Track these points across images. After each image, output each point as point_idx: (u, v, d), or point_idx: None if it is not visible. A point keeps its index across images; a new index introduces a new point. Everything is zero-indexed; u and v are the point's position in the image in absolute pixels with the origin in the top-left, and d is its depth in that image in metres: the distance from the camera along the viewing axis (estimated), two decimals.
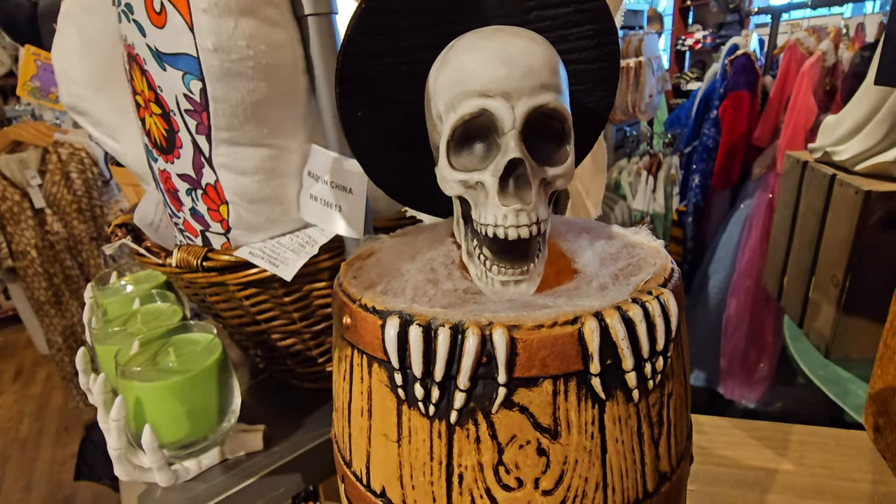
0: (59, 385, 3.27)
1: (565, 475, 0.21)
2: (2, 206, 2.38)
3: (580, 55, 0.31)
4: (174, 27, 0.40)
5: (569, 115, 0.23)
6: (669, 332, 0.22)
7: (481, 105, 0.22)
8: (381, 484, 0.24)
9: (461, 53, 0.23)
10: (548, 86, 0.22)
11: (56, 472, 2.61)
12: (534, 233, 0.23)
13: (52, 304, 2.50)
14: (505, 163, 0.22)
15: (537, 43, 0.23)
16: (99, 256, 2.58)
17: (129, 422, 0.55)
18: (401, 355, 0.21)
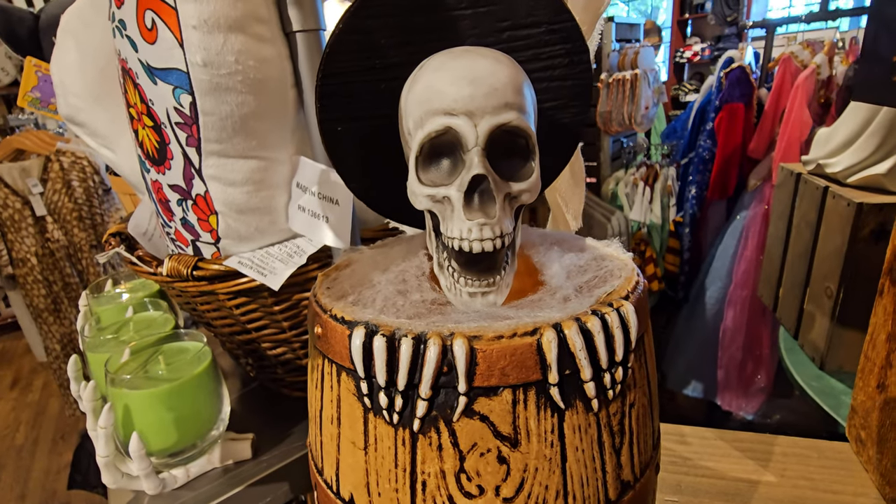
0: (57, 393, 3.27)
1: (526, 483, 0.22)
2: (3, 214, 2.40)
3: (553, 73, 0.32)
4: (165, 43, 0.41)
5: (532, 133, 0.24)
6: (629, 343, 0.23)
7: (446, 123, 0.23)
8: (349, 491, 0.25)
9: (429, 73, 0.24)
10: (511, 105, 0.23)
11: (51, 480, 2.60)
12: (497, 246, 0.23)
13: (50, 311, 2.51)
14: (469, 178, 0.23)
15: (502, 63, 0.24)
16: (98, 265, 2.59)
17: (117, 429, 0.55)
18: (366, 364, 0.22)
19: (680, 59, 4.66)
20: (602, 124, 2.04)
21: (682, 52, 4.62)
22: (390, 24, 0.29)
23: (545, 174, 0.35)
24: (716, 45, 4.26)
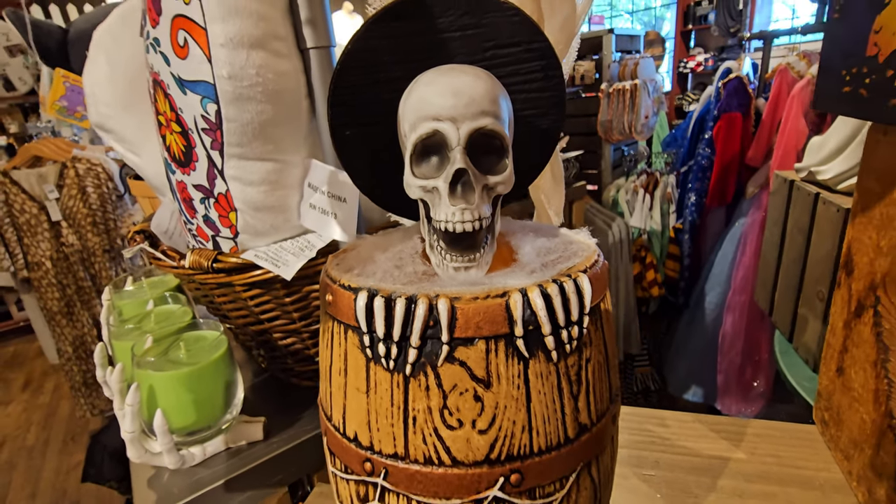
0: (67, 395, 3.34)
1: (497, 418, 0.27)
2: (20, 219, 2.48)
3: (531, 86, 0.37)
4: (195, 58, 0.47)
5: (506, 135, 0.29)
6: (583, 307, 0.28)
7: (434, 127, 0.28)
8: (353, 430, 0.30)
9: (422, 86, 0.30)
10: (487, 112, 0.28)
11: (61, 480, 2.66)
12: (476, 227, 0.29)
13: (63, 314, 2.58)
14: (453, 171, 0.28)
15: (481, 79, 0.29)
16: (111, 268, 2.66)
17: (142, 409, 0.61)
18: (368, 321, 0.27)
19: (683, 70, 4.72)
20: (603, 133, 2.10)
21: (685, 63, 4.69)
22: (392, 45, 0.35)
23: (529, 172, 0.40)
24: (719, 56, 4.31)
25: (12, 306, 3.92)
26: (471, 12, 0.34)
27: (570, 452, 0.29)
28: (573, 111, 2.12)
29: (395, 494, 0.29)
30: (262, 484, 0.67)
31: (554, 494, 0.29)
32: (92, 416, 2.78)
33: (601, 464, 0.31)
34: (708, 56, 4.53)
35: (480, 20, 0.34)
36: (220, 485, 0.64)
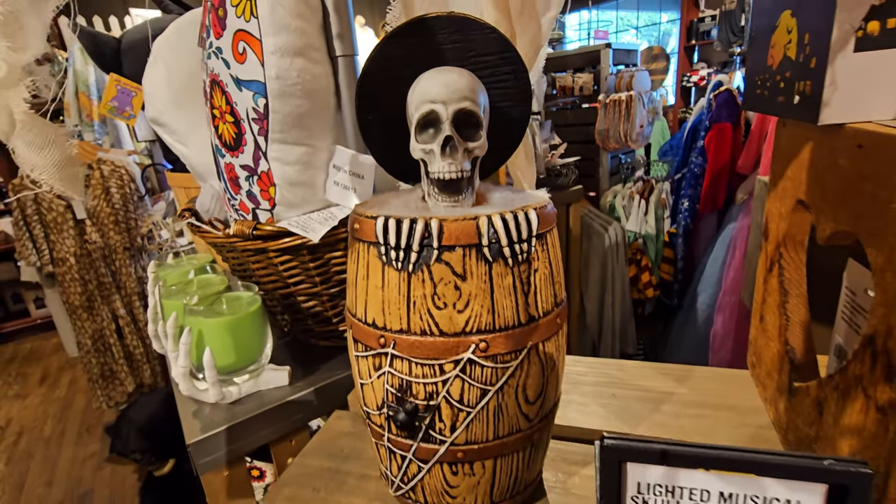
0: (82, 389, 3.49)
1: (470, 302, 0.41)
2: (47, 217, 2.65)
3: (505, 84, 0.51)
4: (251, 63, 0.62)
5: (480, 114, 0.43)
6: (531, 231, 0.42)
7: (431, 107, 0.42)
8: (372, 317, 0.43)
9: (423, 81, 0.44)
10: (467, 98, 0.42)
11: (77, 469, 2.79)
12: (459, 176, 0.43)
13: (84, 308, 2.74)
14: (442, 138, 0.42)
15: (464, 76, 0.44)
16: (130, 265, 2.82)
17: (191, 352, 0.75)
18: (384, 237, 0.41)
19: (687, 84, 4.88)
20: (600, 141, 2.24)
21: (688, 77, 4.84)
22: (404, 53, 0.49)
23: (506, 150, 0.54)
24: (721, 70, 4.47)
25: (30, 304, 4.09)
26: (459, 31, 0.48)
27: (522, 333, 0.42)
28: (573, 120, 2.27)
29: (400, 359, 0.42)
30: (285, 421, 0.80)
31: (510, 362, 0.42)
32: (108, 409, 2.92)
33: (546, 349, 0.45)
34: (711, 71, 4.68)
35: (467, 36, 0.48)
36: (251, 418, 0.77)
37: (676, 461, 0.41)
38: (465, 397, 0.42)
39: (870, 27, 0.41)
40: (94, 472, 2.75)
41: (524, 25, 0.53)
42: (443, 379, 0.42)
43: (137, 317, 2.85)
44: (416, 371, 0.42)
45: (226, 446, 0.75)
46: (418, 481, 0.47)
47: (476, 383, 0.42)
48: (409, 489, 0.49)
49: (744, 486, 0.40)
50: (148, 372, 2.89)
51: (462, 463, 0.45)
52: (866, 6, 0.40)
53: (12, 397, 3.43)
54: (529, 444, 0.47)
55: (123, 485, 2.65)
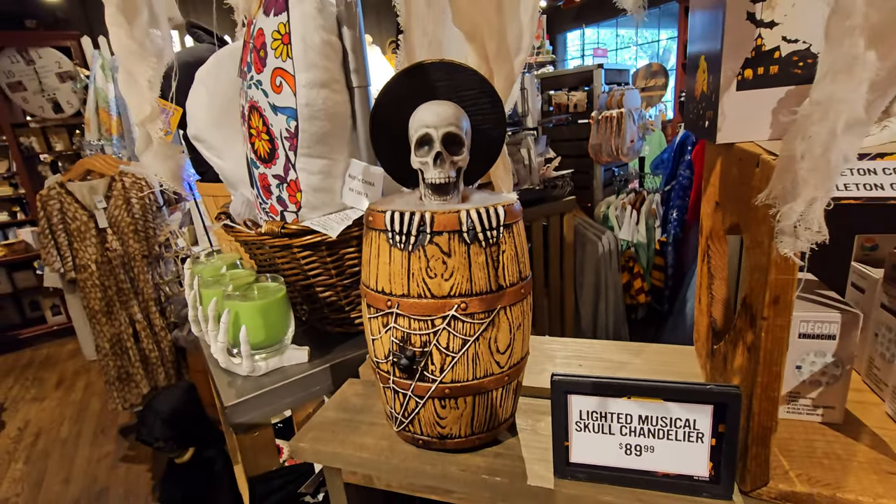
0: (98, 392, 3.65)
1: (454, 273, 0.56)
2: (71, 226, 2.84)
3: (485, 112, 0.68)
4: (286, 93, 0.78)
5: (463, 136, 0.59)
6: (499, 221, 0.57)
7: (425, 130, 0.58)
8: (381, 286, 0.59)
9: (420, 111, 0.60)
10: (452, 124, 0.58)
11: (92, 468, 2.93)
12: (447, 181, 0.58)
13: (104, 313, 2.90)
14: (434, 153, 0.58)
15: (451, 107, 0.60)
16: (148, 272, 2.99)
17: (229, 330, 0.90)
18: (391, 225, 0.57)
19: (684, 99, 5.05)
20: (593, 155, 2.40)
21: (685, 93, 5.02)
22: (406, 90, 0.65)
23: (487, 162, 0.70)
24: None
25: (47, 311, 4.27)
26: (449, 73, 0.64)
27: (492, 298, 0.58)
28: (568, 136, 2.43)
29: (402, 317, 0.58)
30: (305, 392, 0.95)
31: (484, 320, 0.58)
32: (122, 410, 3.06)
33: (513, 312, 0.60)
34: None
35: (454, 76, 0.65)
36: (276, 388, 0.92)
37: (605, 391, 0.56)
38: (451, 345, 0.58)
39: (746, 73, 0.57)
40: (109, 472, 2.90)
41: (499, 66, 0.69)
42: (433, 331, 0.57)
43: (153, 321, 3.01)
44: (414, 325, 0.58)
45: (255, 410, 0.90)
46: (415, 415, 0.62)
47: (458, 335, 0.57)
48: (408, 423, 0.64)
49: (655, 410, 0.55)
50: (162, 375, 3.04)
51: (449, 398, 0.60)
52: (742, 58, 0.56)
53: (30, 400, 3.59)
54: (501, 387, 0.62)
55: (138, 483, 2.79)
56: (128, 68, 0.58)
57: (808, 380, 0.61)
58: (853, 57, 0.32)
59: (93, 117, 3.81)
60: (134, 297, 2.98)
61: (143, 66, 0.59)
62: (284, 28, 0.76)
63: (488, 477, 0.61)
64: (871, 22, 0.33)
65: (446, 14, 0.68)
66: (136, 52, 0.57)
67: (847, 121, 0.33)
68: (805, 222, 0.38)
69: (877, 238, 0.71)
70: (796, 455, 0.57)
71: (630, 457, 0.58)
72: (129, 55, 0.57)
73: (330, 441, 0.70)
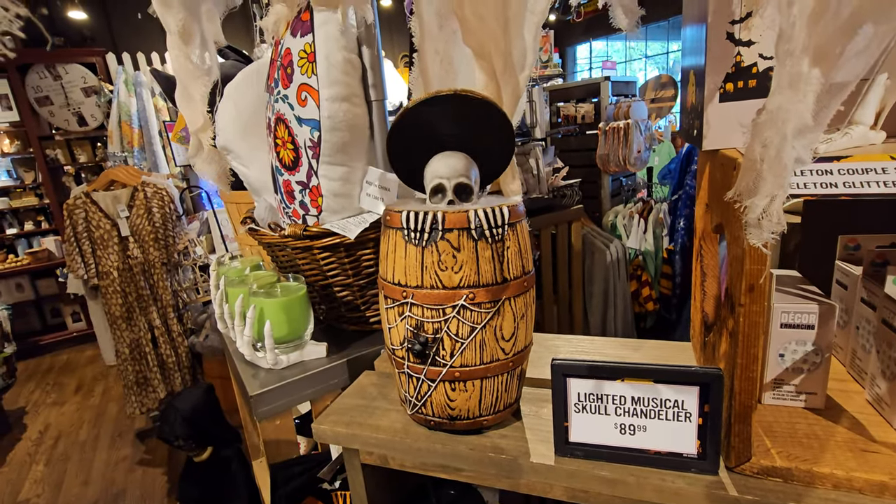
0: (115, 397, 3.75)
1: (463, 266, 0.63)
2: (95, 234, 2.96)
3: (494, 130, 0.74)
4: (310, 106, 0.86)
5: (472, 185, 0.66)
6: (504, 220, 0.64)
7: (439, 181, 0.66)
8: (398, 278, 0.66)
9: (434, 162, 0.68)
10: (463, 175, 0.66)
11: (110, 471, 3.01)
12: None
13: (124, 318, 3.01)
14: (447, 200, 0.65)
15: (462, 159, 0.67)
16: (167, 279, 3.09)
17: (254, 325, 0.97)
18: (407, 223, 0.64)
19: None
20: (601, 165, 2.46)
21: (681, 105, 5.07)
22: (423, 117, 0.72)
23: (498, 171, 0.77)
24: None
25: (67, 318, 4.40)
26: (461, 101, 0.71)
27: (498, 289, 0.64)
28: (576, 146, 2.50)
29: (416, 306, 0.65)
30: (323, 384, 1.02)
31: (490, 309, 0.64)
32: (139, 415, 3.15)
33: (516, 302, 0.66)
34: None
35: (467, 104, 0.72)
36: (297, 380, 0.99)
37: (600, 374, 0.62)
38: (460, 332, 0.64)
39: (728, 86, 0.63)
40: (126, 474, 2.98)
41: (506, 82, 0.76)
42: (444, 319, 0.64)
43: (171, 327, 3.11)
44: (427, 314, 0.64)
45: (278, 400, 0.96)
46: (427, 398, 0.69)
47: (467, 322, 0.64)
48: (421, 406, 0.70)
49: (647, 391, 0.61)
50: (179, 380, 3.12)
51: (458, 381, 0.67)
52: (724, 73, 0.63)
53: (50, 404, 3.70)
54: (506, 372, 0.68)
55: (154, 486, 2.86)
56: (185, 85, 0.67)
57: (791, 367, 0.66)
58: (797, 74, 0.38)
59: (115, 130, 3.96)
60: (153, 304, 3.08)
61: (197, 83, 0.67)
62: (310, 48, 0.84)
63: (494, 455, 0.67)
64: (815, 43, 0.39)
65: (457, 34, 0.76)
66: (192, 71, 0.65)
67: (795, 127, 0.40)
68: (767, 216, 0.44)
69: (859, 238, 0.77)
70: (779, 435, 0.63)
71: (624, 436, 0.63)
72: (186, 74, 0.65)
73: (349, 424, 0.76)
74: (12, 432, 3.44)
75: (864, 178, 0.45)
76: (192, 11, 0.60)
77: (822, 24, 0.39)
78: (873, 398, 0.67)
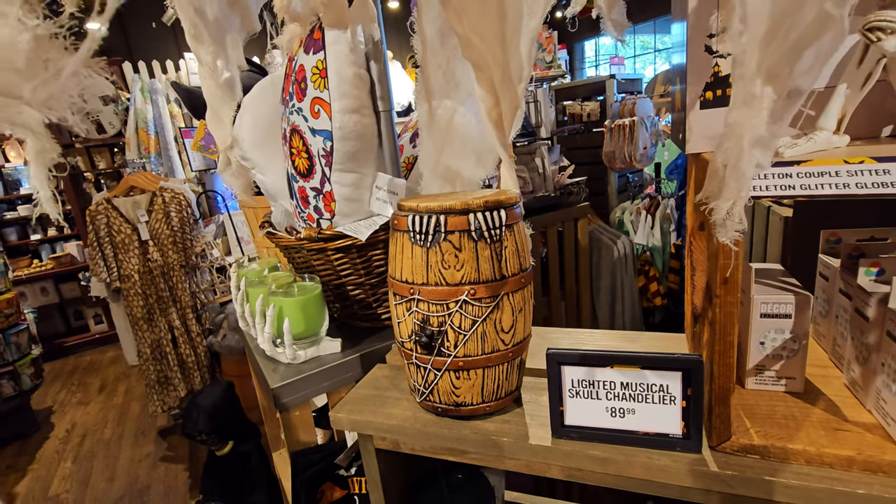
0: (138, 396, 3.87)
1: (464, 265, 0.69)
2: (117, 238, 3.07)
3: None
4: (322, 118, 0.93)
5: None
6: (501, 222, 0.70)
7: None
8: (405, 277, 0.72)
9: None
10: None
11: (134, 467, 3.13)
12: None
13: (145, 319, 3.12)
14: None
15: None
16: (185, 281, 3.20)
17: (274, 322, 1.05)
18: (413, 226, 0.70)
19: None
20: (607, 162, 2.50)
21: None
22: None
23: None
24: None
25: (90, 320, 4.55)
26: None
27: (497, 285, 0.71)
28: (582, 144, 2.54)
29: (422, 302, 0.71)
30: (338, 378, 1.09)
31: (490, 304, 0.70)
32: (161, 413, 3.26)
33: (514, 298, 0.73)
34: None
35: None
36: (314, 373, 1.06)
37: (591, 361, 0.68)
38: (462, 325, 0.71)
39: (707, 94, 0.68)
40: (149, 471, 3.09)
41: (504, 93, 0.82)
42: (448, 313, 0.70)
43: (190, 328, 3.21)
44: (432, 309, 0.71)
45: (297, 392, 1.04)
46: (434, 386, 0.75)
47: (469, 316, 0.70)
48: (428, 393, 0.77)
49: (634, 377, 0.67)
50: (198, 378, 3.23)
51: (462, 370, 0.73)
52: (703, 82, 0.68)
53: (76, 404, 3.84)
54: (506, 362, 0.75)
55: (177, 481, 2.98)
56: (215, 110, 0.74)
57: (771, 354, 0.72)
58: (749, 94, 0.44)
59: (133, 137, 4.09)
60: (173, 305, 3.19)
61: (225, 108, 0.74)
62: (322, 64, 0.91)
63: (497, 438, 0.73)
64: (767, 65, 0.45)
65: (457, 49, 0.82)
66: (221, 97, 0.72)
67: (751, 139, 0.45)
68: (730, 217, 0.50)
69: (840, 232, 0.81)
70: (758, 417, 0.68)
71: (615, 418, 0.69)
72: (216, 100, 0.72)
73: (363, 412, 0.83)
74: (41, 431, 3.59)
75: (819, 180, 0.50)
76: (220, 44, 0.67)
77: (772, 48, 0.44)
78: (849, 382, 0.72)
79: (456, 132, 0.87)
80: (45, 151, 0.59)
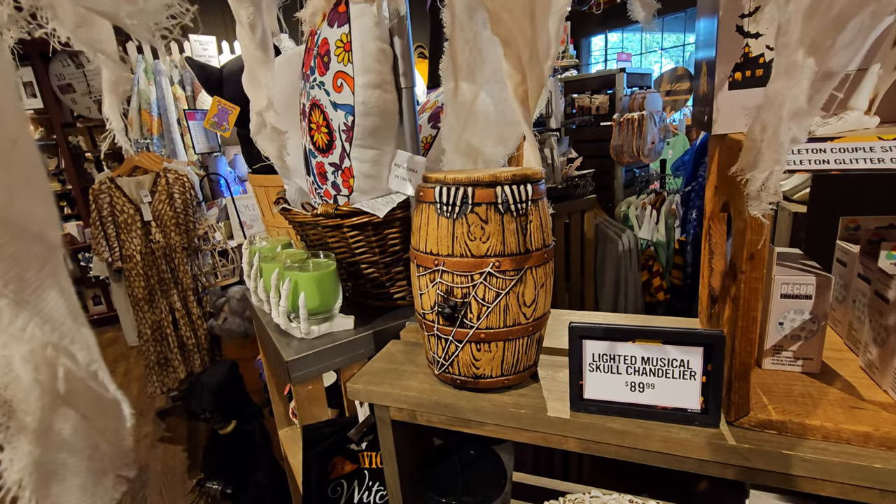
0: (136, 378, 3.88)
1: (490, 237, 0.70)
2: (119, 218, 3.06)
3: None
4: (345, 92, 0.93)
5: None
6: (527, 195, 0.71)
7: None
8: (430, 248, 0.73)
9: None
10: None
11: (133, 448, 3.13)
12: None
13: (146, 300, 3.12)
14: None
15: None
16: (187, 263, 3.19)
17: (289, 296, 1.05)
18: (440, 197, 0.71)
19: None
20: (615, 156, 2.51)
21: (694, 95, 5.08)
22: None
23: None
24: None
25: (89, 301, 4.54)
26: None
27: (521, 259, 0.71)
28: (590, 137, 2.55)
29: (447, 273, 0.72)
30: (351, 353, 1.09)
31: (514, 277, 0.71)
32: (161, 394, 3.27)
33: (537, 272, 0.73)
34: None
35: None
36: (327, 349, 1.06)
37: (614, 335, 0.69)
38: (486, 297, 0.71)
39: (736, 76, 0.69)
40: (148, 451, 3.10)
41: (531, 70, 0.82)
42: (472, 284, 0.71)
43: (191, 310, 3.21)
44: (457, 280, 0.72)
45: (310, 367, 1.04)
46: (455, 357, 0.76)
47: (493, 288, 0.71)
48: (448, 365, 0.78)
49: (656, 352, 0.68)
50: (198, 361, 3.24)
51: (483, 342, 0.74)
52: (733, 63, 0.69)
53: None
54: (527, 336, 0.76)
55: (174, 461, 2.99)
56: (253, 72, 0.74)
57: (790, 334, 0.73)
58: (792, 63, 0.44)
59: (136, 117, 4.07)
60: (174, 287, 3.19)
61: (263, 69, 0.74)
62: (346, 38, 0.91)
63: (515, 410, 0.74)
64: (809, 36, 0.46)
65: (485, 24, 0.82)
66: (259, 58, 0.72)
67: (790, 110, 0.46)
68: (765, 188, 0.50)
69: (859, 219, 0.82)
70: (776, 395, 0.69)
71: (634, 393, 0.70)
72: (254, 62, 0.72)
73: (380, 384, 0.84)
74: None
75: (853, 155, 0.51)
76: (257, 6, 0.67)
77: (816, 20, 0.45)
78: (866, 364, 0.73)
79: (479, 110, 0.87)
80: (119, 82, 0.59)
